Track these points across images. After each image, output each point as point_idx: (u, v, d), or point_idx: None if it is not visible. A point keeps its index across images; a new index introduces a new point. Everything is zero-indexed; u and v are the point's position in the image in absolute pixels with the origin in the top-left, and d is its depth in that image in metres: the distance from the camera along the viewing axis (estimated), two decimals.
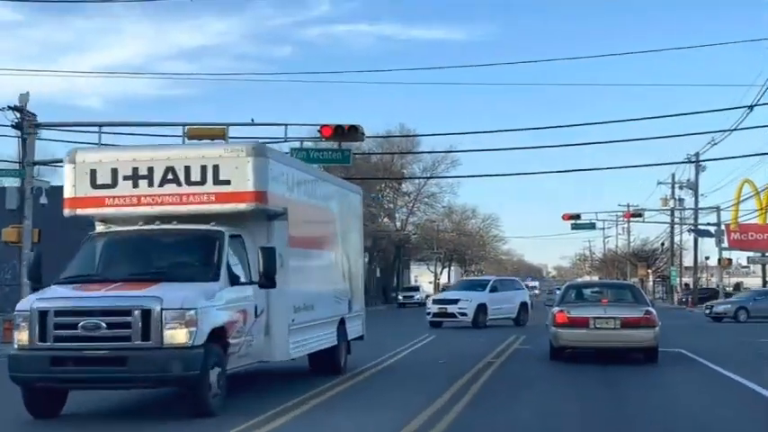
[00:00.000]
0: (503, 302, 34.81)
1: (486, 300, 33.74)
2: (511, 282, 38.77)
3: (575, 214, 60.88)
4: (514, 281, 38.36)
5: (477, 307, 33.12)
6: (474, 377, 15.70)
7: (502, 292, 35.36)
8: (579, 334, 17.73)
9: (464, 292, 35.10)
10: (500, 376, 16.24)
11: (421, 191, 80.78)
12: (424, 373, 16.98)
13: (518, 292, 36.93)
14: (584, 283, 27.23)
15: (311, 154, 26.61)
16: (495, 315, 33.97)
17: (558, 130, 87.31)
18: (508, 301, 35.26)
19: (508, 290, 36.12)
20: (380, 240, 77.92)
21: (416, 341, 25.41)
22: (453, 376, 15.52)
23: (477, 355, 19.87)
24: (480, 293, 34.25)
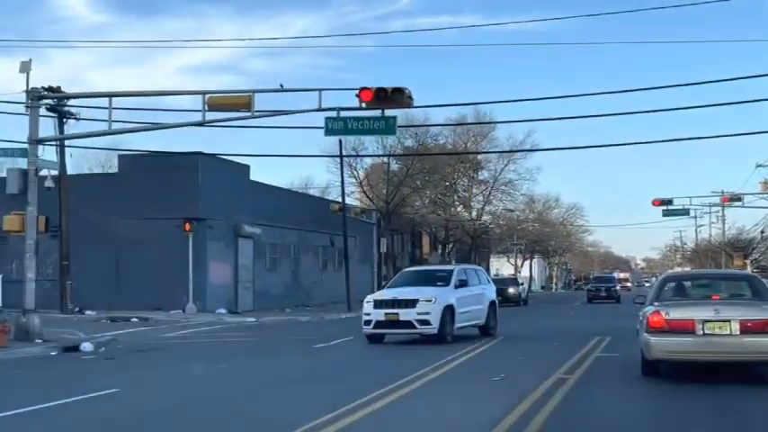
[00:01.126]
0: (471, 303, 24.11)
1: (453, 299, 22.86)
2: (475, 272, 26.61)
3: (666, 199, 55.56)
4: (479, 271, 27.29)
5: (444, 311, 22.25)
6: (536, 406, 11.32)
7: (470, 288, 24.51)
8: (682, 343, 13.09)
9: (419, 288, 23.24)
10: (571, 406, 11.80)
11: (498, 178, 76.01)
12: (472, 394, 12.71)
13: (486, 287, 25.94)
14: (686, 275, 19.49)
15: (349, 124, 22.51)
16: (463, 322, 23.35)
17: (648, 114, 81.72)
18: (477, 301, 24.69)
19: (475, 284, 25.20)
20: (454, 230, 73.44)
21: (477, 345, 21.12)
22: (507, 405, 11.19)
23: (544, 367, 15.50)
24: (444, 290, 23.07)
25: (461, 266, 26.79)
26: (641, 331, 13.99)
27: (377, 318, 22.31)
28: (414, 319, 21.85)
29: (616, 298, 58.57)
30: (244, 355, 20.71)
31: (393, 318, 22.10)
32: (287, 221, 49.75)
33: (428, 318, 21.81)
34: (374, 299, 23.11)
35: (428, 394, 12.81)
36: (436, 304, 22.02)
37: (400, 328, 22.24)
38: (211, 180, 41.48)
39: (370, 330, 22.57)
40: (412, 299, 22.22)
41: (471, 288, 24.46)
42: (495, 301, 26.06)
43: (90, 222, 40.95)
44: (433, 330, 21.87)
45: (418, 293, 22.50)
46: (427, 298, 22.14)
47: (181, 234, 39.49)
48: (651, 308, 13.87)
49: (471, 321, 24.07)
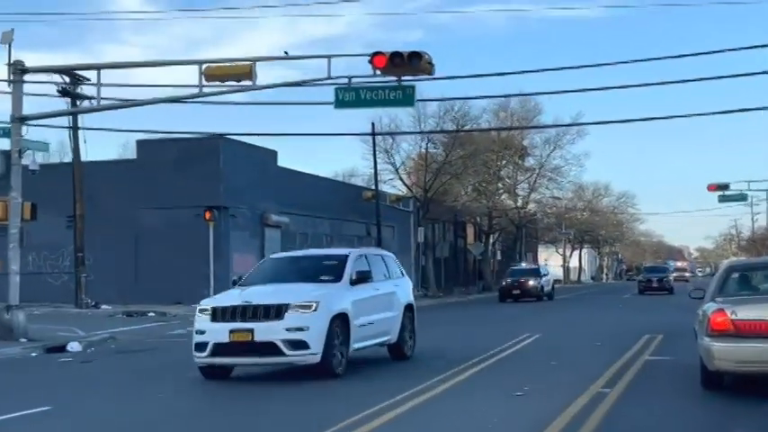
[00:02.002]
0: (376, 309, 15.36)
1: (347, 304, 14.24)
2: (382, 260, 16.92)
3: (722, 184, 52.28)
4: (387, 258, 17.31)
5: (333, 324, 13.67)
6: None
7: (375, 285, 15.59)
8: (753, 351, 10.22)
9: (291, 286, 14.50)
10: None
11: (544, 164, 72.73)
12: (482, 415, 10.08)
13: (399, 283, 16.82)
14: (756, 263, 15.22)
15: (363, 94, 19.93)
16: (363, 341, 14.75)
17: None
18: (385, 306, 15.78)
19: (382, 279, 16.18)
20: (498, 219, 70.44)
21: (510, 343, 18.38)
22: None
23: (581, 375, 12.78)
24: (332, 289, 14.44)
25: (361, 251, 16.88)
26: (700, 334, 11.15)
27: (216, 338, 13.34)
28: (280, 340, 13.04)
29: (669, 289, 55.33)
30: None
31: (243, 337, 13.19)
32: (318, 210, 47.32)
33: (304, 336, 13.10)
34: (212, 305, 13.86)
35: (428, 410, 10.21)
36: (319, 313, 13.27)
37: (256, 354, 13.33)
38: (234, 166, 39.18)
39: (205, 359, 13.56)
40: (277, 304, 13.31)
41: (377, 285, 15.55)
42: (413, 306, 16.91)
43: (107, 212, 39.01)
44: (312, 357, 13.16)
45: (289, 295, 13.68)
46: (304, 302, 13.34)
47: (202, 224, 37.26)
48: (713, 305, 11.02)
49: (377, 339, 15.36)
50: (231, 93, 20.30)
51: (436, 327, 26.88)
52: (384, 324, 15.56)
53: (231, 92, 20.25)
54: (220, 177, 38.47)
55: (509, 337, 20.23)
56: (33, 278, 39.63)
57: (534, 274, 49.05)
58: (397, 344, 16.05)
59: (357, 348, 14.52)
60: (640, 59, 20.60)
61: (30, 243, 40.18)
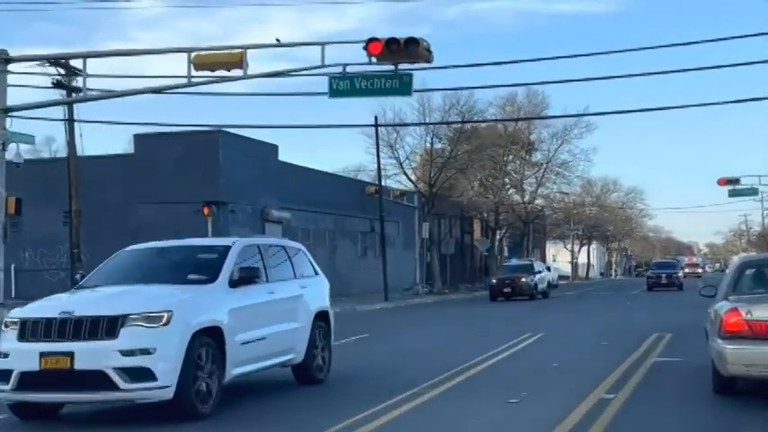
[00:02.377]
0: (270, 320, 11.42)
1: (221, 314, 10.33)
2: (284, 252, 12.65)
3: (733, 178, 51.17)
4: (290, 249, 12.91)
5: (193, 343, 9.71)
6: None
7: (269, 287, 11.61)
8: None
9: (141, 288, 10.60)
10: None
11: (551, 159, 71.78)
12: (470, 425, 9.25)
13: (309, 285, 12.71)
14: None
15: (358, 83, 19.10)
16: (251, 363, 10.98)
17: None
18: (284, 316, 11.87)
19: (281, 278, 12.08)
20: (505, 215, 69.52)
21: (504, 345, 17.53)
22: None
23: (583, 379, 11.95)
24: (199, 293, 10.54)
25: (253, 240, 12.46)
26: (712, 335, 10.29)
27: (23, 364, 9.48)
28: (112, 368, 9.25)
29: (678, 285, 54.40)
30: None
31: (59, 364, 9.32)
32: (321, 205, 46.50)
33: (148, 362, 9.31)
34: (21, 316, 9.93)
35: (408, 420, 9.40)
36: (172, 328, 9.52)
37: (78, 388, 9.43)
38: (234, 160, 38.38)
39: (9, 394, 9.74)
40: (109, 316, 9.49)
41: (274, 287, 11.64)
42: (329, 314, 13.06)
43: (104, 207, 38.29)
44: (161, 391, 9.39)
45: (129, 302, 9.88)
46: (149, 312, 9.55)
47: (201, 219, 36.52)
48: (726, 304, 10.15)
49: (272, 359, 11.45)
50: (221, 82, 19.47)
51: (432, 326, 26.13)
52: (283, 339, 11.43)
53: (221, 81, 19.43)
54: (220, 172, 37.69)
55: (510, 336, 19.38)
56: (30, 275, 39.07)
57: (527, 270, 44.68)
58: (303, 364, 12.02)
59: (240, 374, 10.59)
60: (649, 47, 19.68)
61: (26, 239, 39.88)
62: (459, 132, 57.01)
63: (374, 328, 24.67)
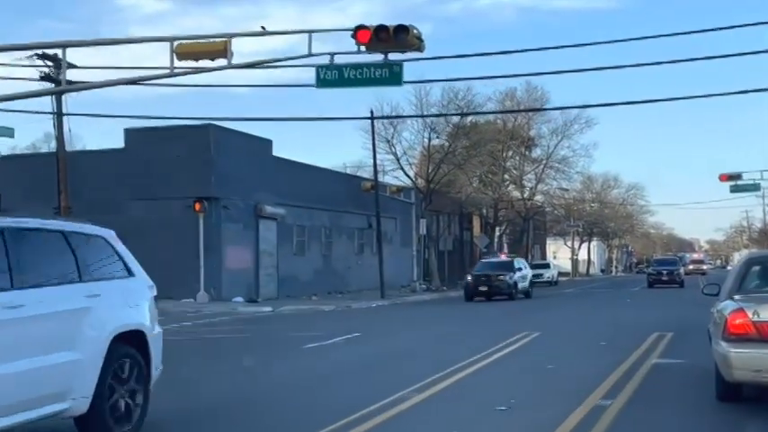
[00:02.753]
0: (12, 351, 6.98)
1: None
2: (62, 242, 8.10)
3: (734, 174, 50.40)
4: (82, 240, 8.43)
5: None
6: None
7: (14, 299, 7.06)
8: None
9: None
10: None
11: (551, 155, 71.02)
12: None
13: (108, 291, 8.33)
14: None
15: (346, 72, 18.36)
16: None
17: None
18: (48, 343, 7.42)
19: (49, 284, 7.69)
20: (504, 211, 68.76)
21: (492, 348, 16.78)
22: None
23: (579, 382, 11.23)
24: None
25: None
26: (716, 337, 9.54)
27: None
28: None
29: (679, 282, 53.68)
30: (201, 357, 16.78)
31: None
32: (317, 201, 45.75)
33: None
34: None
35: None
36: None
37: None
38: (226, 155, 37.63)
39: None
40: None
41: (22, 297, 7.24)
42: (146, 337, 8.78)
43: (94, 203, 37.44)
44: None
45: None
46: None
47: (192, 215, 35.91)
48: (731, 304, 9.40)
49: (22, 413, 7.19)
50: (205, 72, 18.73)
51: (426, 325, 25.43)
52: (43, 379, 7.36)
53: (205, 71, 18.69)
54: (212, 167, 36.95)
55: (506, 335, 18.64)
56: None
57: (506, 268, 40.24)
58: (90, 415, 7.88)
59: None
60: (651, 36, 18.97)
61: None
62: (458, 128, 56.24)
63: (367, 326, 23.98)
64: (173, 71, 18.85)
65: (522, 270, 42.05)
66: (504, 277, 38.76)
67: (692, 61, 19.88)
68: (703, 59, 20.55)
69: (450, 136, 56.71)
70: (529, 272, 44.18)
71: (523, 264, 44.35)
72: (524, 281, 41.48)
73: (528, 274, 43.29)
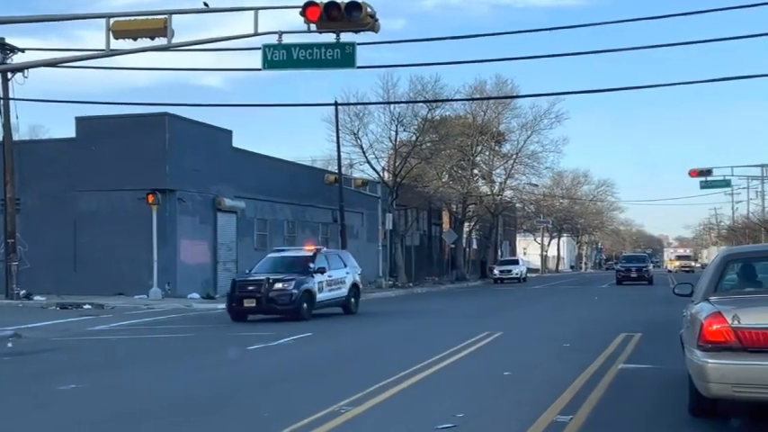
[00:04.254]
0: None
1: None
2: None
3: (704, 170, 49.79)
4: None
5: None
6: None
7: None
8: (765, 371, 7.42)
9: None
10: None
11: (521, 150, 70.06)
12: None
13: None
14: (760, 251, 11.08)
15: (295, 53, 17.09)
16: None
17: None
18: None
19: None
20: (472, 206, 67.73)
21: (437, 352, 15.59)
22: None
23: (537, 392, 10.06)
24: None
25: None
26: (689, 345, 8.36)
27: None
28: None
29: (648, 279, 52.96)
30: (145, 360, 15.48)
31: None
32: (280, 195, 44.39)
33: None
34: None
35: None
36: None
37: None
38: (183, 145, 36.19)
39: None
40: None
41: None
42: None
43: (44, 195, 36.14)
44: None
45: None
46: None
47: (146, 208, 34.40)
48: (706, 307, 8.23)
49: None
50: (142, 52, 17.39)
51: (385, 323, 24.24)
52: None
53: (142, 50, 17.36)
54: (166, 157, 35.49)
55: (465, 335, 17.48)
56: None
57: (297, 268, 25.23)
58: None
59: None
60: (621, 20, 17.84)
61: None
62: (426, 121, 55.08)
63: (321, 325, 22.74)
64: (109, 51, 17.52)
65: (333, 271, 26.19)
66: (286, 285, 24.00)
67: (666, 47, 18.78)
68: (671, 46, 19.48)
69: (418, 129, 55.54)
70: (351, 274, 27.43)
71: (342, 259, 28.07)
72: (338, 288, 26.39)
73: (349, 277, 27.10)
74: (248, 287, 24.15)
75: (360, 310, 27.56)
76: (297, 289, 23.93)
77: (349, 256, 29.01)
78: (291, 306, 23.71)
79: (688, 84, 76.28)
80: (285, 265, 25.62)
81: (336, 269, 26.59)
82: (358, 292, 27.95)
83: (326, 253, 27.56)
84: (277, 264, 25.99)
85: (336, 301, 26.36)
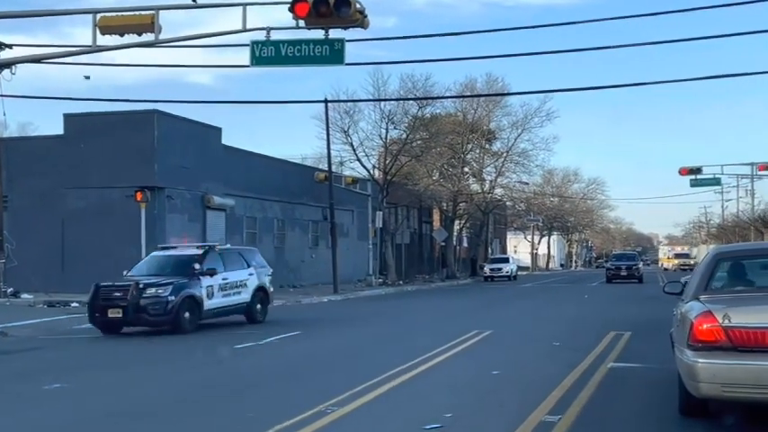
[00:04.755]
0: None
1: None
2: None
3: (695, 168, 49.84)
4: None
5: None
6: None
7: None
8: (754, 371, 7.37)
9: None
10: None
11: (511, 148, 70.01)
12: None
13: None
14: (751, 249, 10.91)
15: (284, 49, 16.96)
16: None
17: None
18: None
19: None
20: (462, 204, 67.67)
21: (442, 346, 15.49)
22: None
23: (525, 391, 9.98)
24: None
25: None
26: (679, 344, 8.28)
27: None
28: None
29: (638, 278, 52.98)
30: (133, 361, 15.34)
31: None
32: (269, 193, 44.25)
33: None
34: None
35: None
36: None
37: None
38: (172, 143, 36.00)
39: None
40: None
41: None
42: None
43: (32, 192, 35.87)
44: None
45: None
46: None
47: (134, 205, 34.16)
48: (696, 305, 8.14)
49: None
50: (128, 48, 17.24)
51: (374, 321, 24.12)
52: None
53: (128, 47, 17.21)
54: (155, 155, 35.30)
55: (454, 334, 17.38)
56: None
57: (180, 269, 21.30)
58: None
59: None
60: (606, 18, 17.76)
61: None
62: (416, 119, 54.98)
63: (310, 323, 22.65)
64: (95, 47, 17.37)
65: (229, 272, 22.21)
66: (160, 291, 19.99)
67: (657, 44, 18.70)
68: (662, 43, 19.42)
69: (409, 127, 55.43)
70: (257, 276, 23.38)
71: (245, 258, 23.73)
72: (237, 292, 22.30)
73: (252, 280, 23.02)
74: (114, 293, 20.05)
75: (351, 308, 27.48)
76: (174, 295, 19.83)
77: (255, 255, 24.56)
78: (167, 316, 19.69)
79: (678, 81, 76.41)
80: (167, 267, 21.70)
81: (235, 270, 22.42)
82: (266, 297, 23.67)
83: (223, 251, 23.25)
84: (159, 264, 22.08)
85: (235, 308, 22.26)
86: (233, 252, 23.82)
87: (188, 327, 19.93)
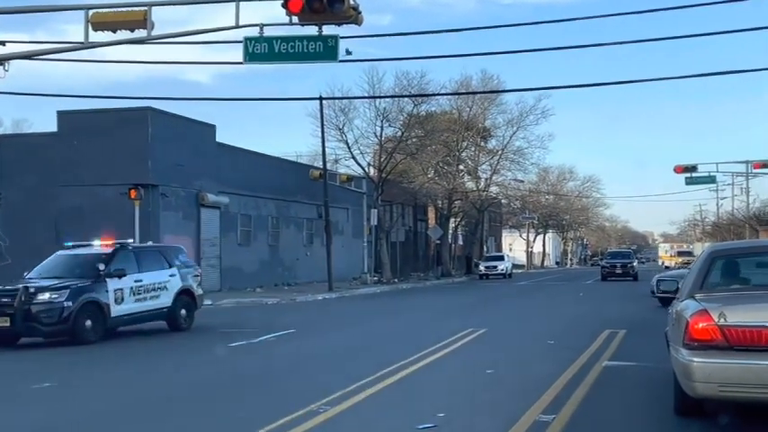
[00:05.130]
0: None
1: None
2: None
3: (690, 166, 49.70)
4: None
5: None
6: None
7: None
8: (751, 371, 7.30)
9: None
10: None
11: (506, 146, 69.92)
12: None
13: None
14: (747, 247, 11.09)
15: (277, 45, 16.84)
16: None
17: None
18: None
19: None
20: (457, 202, 67.61)
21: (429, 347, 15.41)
22: None
23: (520, 391, 9.89)
24: None
25: None
26: (675, 343, 8.19)
27: None
28: None
29: (633, 275, 52.95)
30: (124, 358, 15.23)
31: None
32: (264, 190, 44.13)
33: None
34: None
35: None
36: None
37: None
38: (166, 140, 35.84)
39: None
40: None
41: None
42: None
43: (25, 189, 35.68)
44: None
45: None
46: None
47: (128, 203, 34.01)
48: (692, 304, 8.06)
49: None
50: (120, 44, 17.11)
51: (368, 319, 24.05)
52: None
53: (120, 43, 17.08)
54: (149, 152, 35.14)
55: (448, 332, 17.30)
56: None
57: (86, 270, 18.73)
58: None
59: None
60: (602, 15, 17.65)
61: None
62: (411, 116, 54.89)
63: (305, 321, 22.56)
64: (87, 43, 17.23)
65: (144, 273, 19.72)
66: (55, 296, 17.48)
67: (653, 41, 18.62)
68: (658, 41, 19.34)
69: (404, 125, 55.33)
70: (179, 277, 20.68)
71: (166, 257, 21.01)
72: (155, 296, 19.76)
73: (174, 282, 20.46)
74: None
75: (345, 306, 27.40)
76: (72, 300, 17.29)
77: (179, 253, 21.63)
78: (63, 325, 17.15)
79: (673, 79, 76.49)
80: (72, 268, 19.10)
81: (152, 271, 19.80)
82: (193, 302, 20.87)
83: (138, 249, 20.54)
84: (63, 265, 19.50)
85: (152, 314, 19.62)
86: (151, 251, 21.07)
87: (91, 337, 17.42)
